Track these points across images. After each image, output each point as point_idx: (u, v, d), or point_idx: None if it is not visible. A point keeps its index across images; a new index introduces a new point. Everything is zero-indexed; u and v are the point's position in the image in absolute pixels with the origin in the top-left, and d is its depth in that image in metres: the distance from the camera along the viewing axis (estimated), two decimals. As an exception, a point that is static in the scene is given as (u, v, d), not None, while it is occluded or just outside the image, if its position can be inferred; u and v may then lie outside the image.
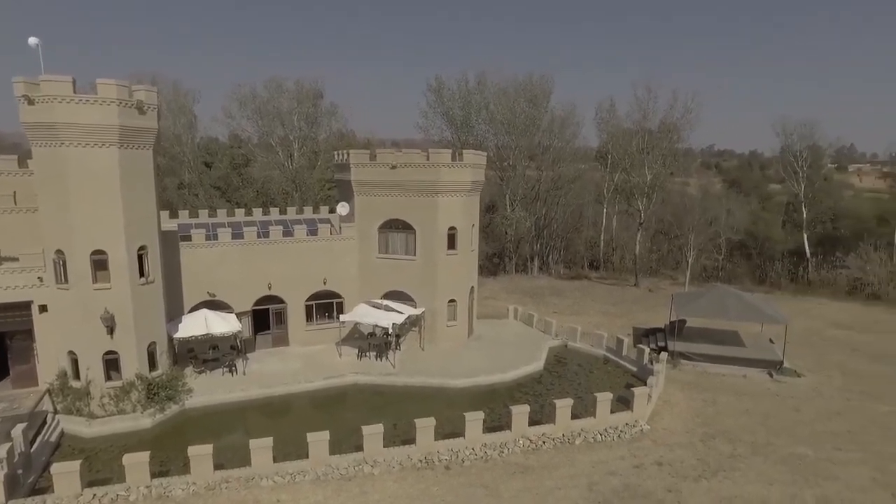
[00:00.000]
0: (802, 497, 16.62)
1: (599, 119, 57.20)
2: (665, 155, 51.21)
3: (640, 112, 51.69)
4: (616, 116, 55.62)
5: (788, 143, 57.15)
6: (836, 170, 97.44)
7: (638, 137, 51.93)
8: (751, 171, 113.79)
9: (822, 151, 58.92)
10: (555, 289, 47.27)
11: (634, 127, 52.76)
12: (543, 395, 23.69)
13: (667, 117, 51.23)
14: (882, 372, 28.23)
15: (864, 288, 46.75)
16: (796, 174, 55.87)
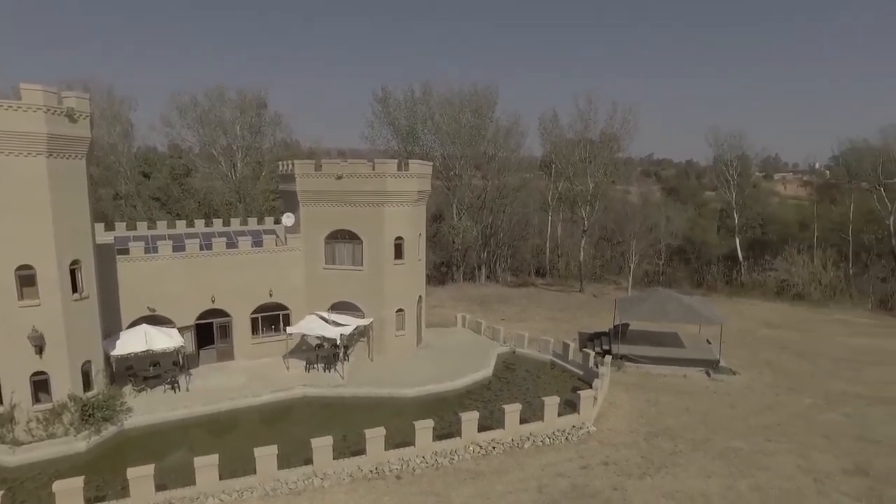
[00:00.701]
0: (737, 488, 17.44)
1: (543, 129, 58.62)
2: (606, 164, 52.98)
3: (582, 123, 53.44)
4: (559, 127, 57.18)
5: (720, 152, 60.27)
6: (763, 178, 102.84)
7: (580, 147, 53.52)
8: (687, 180, 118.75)
9: (750, 161, 62.40)
10: (502, 296, 47.90)
11: (576, 137, 54.37)
12: (493, 401, 23.95)
13: (607, 128, 53.11)
14: (805, 368, 29.98)
15: (790, 289, 49.55)
16: (728, 182, 58.86)
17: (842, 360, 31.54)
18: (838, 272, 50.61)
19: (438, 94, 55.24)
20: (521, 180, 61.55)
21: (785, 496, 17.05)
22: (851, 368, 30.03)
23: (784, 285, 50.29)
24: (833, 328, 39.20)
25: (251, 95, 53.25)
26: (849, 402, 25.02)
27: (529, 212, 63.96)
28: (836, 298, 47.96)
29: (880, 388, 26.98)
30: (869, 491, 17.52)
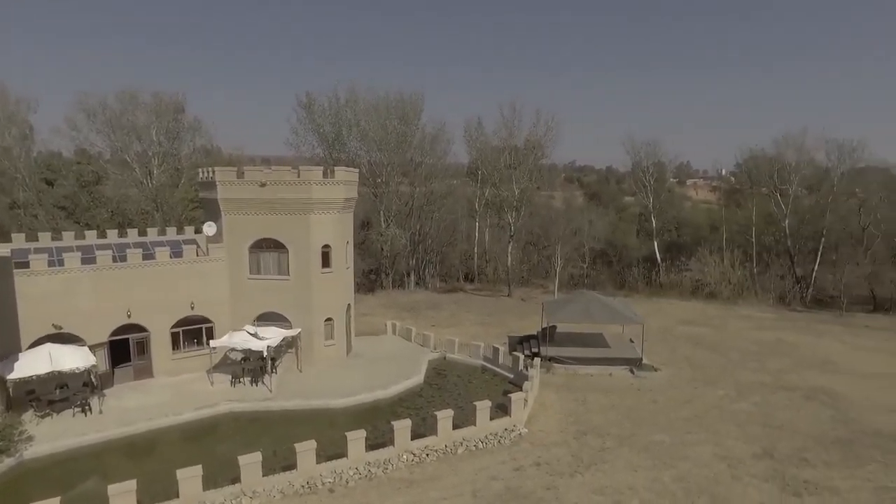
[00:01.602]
0: (662, 479, 18.30)
1: (468, 137, 59.47)
2: (531, 170, 54.43)
3: (507, 130, 54.63)
4: (484, 134, 58.17)
5: (637, 159, 63.30)
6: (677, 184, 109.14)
7: (505, 154, 54.69)
8: (608, 185, 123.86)
9: (665, 167, 65.96)
10: (432, 302, 48.06)
11: (502, 144, 55.52)
12: (425, 407, 23.94)
13: (531, 135, 54.57)
14: (718, 361, 31.92)
15: (703, 288, 52.65)
16: (645, 188, 61.89)
17: (749, 352, 33.82)
18: (744, 271, 54.28)
19: (364, 101, 54.95)
20: (448, 187, 62.12)
21: (704, 483, 18.05)
22: (757, 360, 32.25)
23: (698, 284, 53.39)
24: (741, 323, 41.97)
25: (168, 99, 50.87)
26: (756, 392, 26.85)
27: (457, 218, 64.61)
28: (744, 296, 51.40)
29: (780, 377, 29.15)
30: (774, 472, 18.88)
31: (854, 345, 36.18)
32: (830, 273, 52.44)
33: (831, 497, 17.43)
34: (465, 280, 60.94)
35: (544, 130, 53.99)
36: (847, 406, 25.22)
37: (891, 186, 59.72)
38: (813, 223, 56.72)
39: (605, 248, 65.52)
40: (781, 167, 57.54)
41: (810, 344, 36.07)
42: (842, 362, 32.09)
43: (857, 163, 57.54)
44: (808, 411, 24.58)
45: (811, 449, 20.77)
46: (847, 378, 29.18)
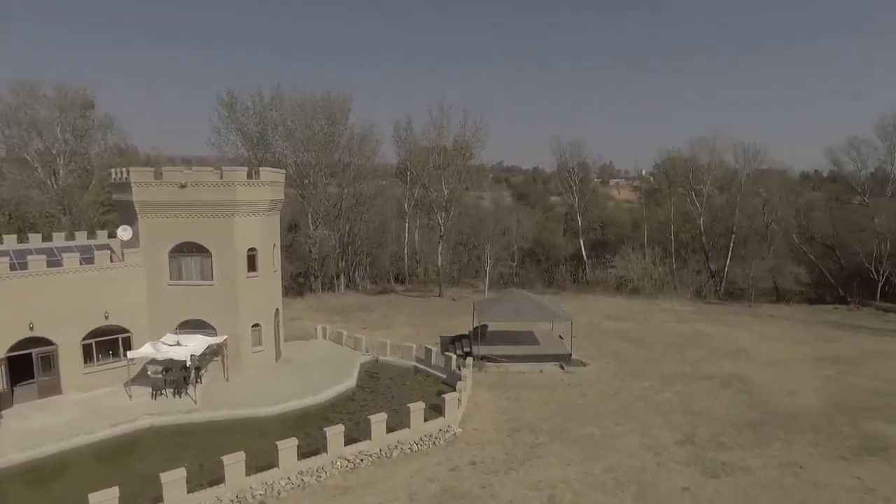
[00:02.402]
0: (593, 471, 18.83)
1: (397, 137, 59.26)
2: (460, 171, 54.87)
3: (436, 130, 54.82)
4: (413, 135, 58.14)
5: (563, 160, 65.22)
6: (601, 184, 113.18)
7: (434, 155, 54.86)
8: (535, 185, 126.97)
9: (589, 168, 68.34)
10: (363, 304, 47.48)
11: (431, 145, 55.68)
12: (358, 412, 23.54)
13: (460, 136, 55.04)
14: (642, 354, 33.31)
15: (627, 284, 54.94)
16: (571, 188, 63.88)
17: (670, 344, 35.50)
18: (664, 267, 57.09)
19: (290, 100, 53.54)
20: (377, 188, 61.64)
21: (632, 472, 18.72)
22: (677, 351, 33.90)
23: (622, 281, 55.68)
24: (662, 317, 44.02)
25: (74, 93, 47.49)
26: (677, 382, 28.21)
27: (387, 219, 64.23)
28: (664, 290, 54.04)
29: (699, 367, 30.78)
30: (695, 457, 19.87)
31: (762, 334, 38.75)
32: (740, 267, 56.01)
33: (745, 476, 18.54)
34: (396, 281, 60.66)
35: (472, 131, 54.71)
36: (757, 391, 26.95)
37: (788, 187, 64.81)
38: (724, 221, 60.43)
39: (533, 247, 67.03)
40: (696, 168, 61.05)
41: (724, 334, 38.31)
42: (752, 350, 34.28)
43: (760, 165, 62.10)
44: (723, 398, 26.07)
45: (727, 433, 22.03)
46: (756, 365, 31.20)
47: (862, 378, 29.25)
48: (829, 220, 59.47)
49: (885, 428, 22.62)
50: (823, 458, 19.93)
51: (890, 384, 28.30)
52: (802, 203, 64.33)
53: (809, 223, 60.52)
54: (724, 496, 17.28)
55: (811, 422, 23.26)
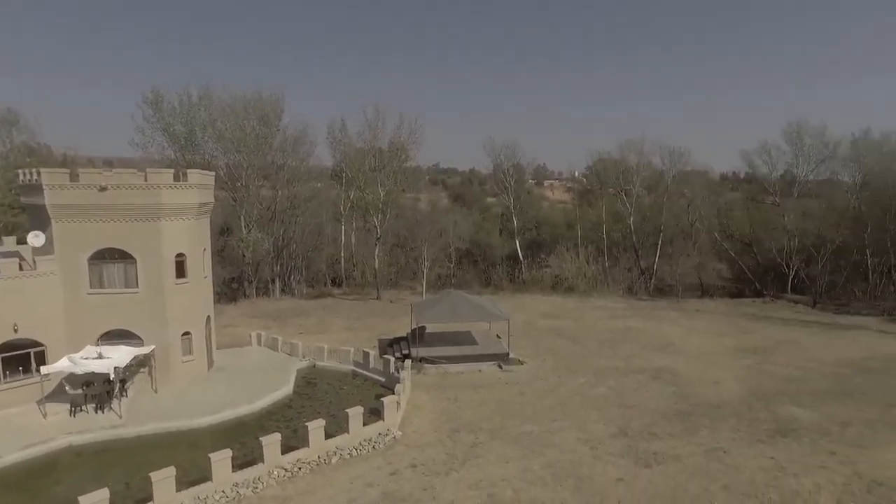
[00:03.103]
0: (532, 467, 19.17)
1: (332, 139, 58.39)
2: (396, 172, 54.63)
3: (371, 132, 54.38)
4: (348, 136, 57.42)
5: (498, 162, 66.19)
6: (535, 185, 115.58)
7: (370, 156, 54.43)
8: (471, 187, 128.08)
9: (523, 169, 69.71)
10: (299, 309, 46.48)
11: (366, 146, 55.19)
12: (295, 419, 22.99)
13: (395, 137, 54.82)
14: (577, 350, 34.25)
15: (562, 283, 56.37)
16: (506, 189, 64.89)
17: (604, 340, 36.68)
18: (598, 266, 58.95)
19: (219, 100, 51.69)
20: (312, 190, 60.54)
21: (569, 467, 19.19)
22: (611, 347, 35.06)
23: (557, 280, 57.07)
24: (596, 314, 45.41)
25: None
26: (611, 376, 29.16)
27: (322, 221, 63.13)
28: (598, 288, 55.78)
29: (631, 361, 31.95)
30: (629, 448, 20.60)
31: (688, 328, 40.67)
32: (668, 265, 58.54)
33: (675, 463, 19.39)
34: (333, 285, 59.77)
35: (408, 133, 54.59)
36: (684, 382, 28.25)
37: (710, 188, 68.50)
38: (652, 220, 63.10)
39: (470, 247, 67.61)
40: (625, 169, 63.43)
41: (654, 329, 39.95)
42: (679, 344, 35.90)
43: (684, 166, 65.36)
44: (654, 390, 27.17)
45: (658, 423, 22.96)
46: (684, 358, 32.71)
47: (776, 366, 31.24)
48: (746, 218, 63.28)
49: (796, 411, 24.31)
50: (744, 443, 21.13)
51: (799, 370, 30.44)
52: (722, 203, 68.02)
53: (729, 222, 64.13)
54: (656, 484, 17.99)
55: (733, 409, 24.61)
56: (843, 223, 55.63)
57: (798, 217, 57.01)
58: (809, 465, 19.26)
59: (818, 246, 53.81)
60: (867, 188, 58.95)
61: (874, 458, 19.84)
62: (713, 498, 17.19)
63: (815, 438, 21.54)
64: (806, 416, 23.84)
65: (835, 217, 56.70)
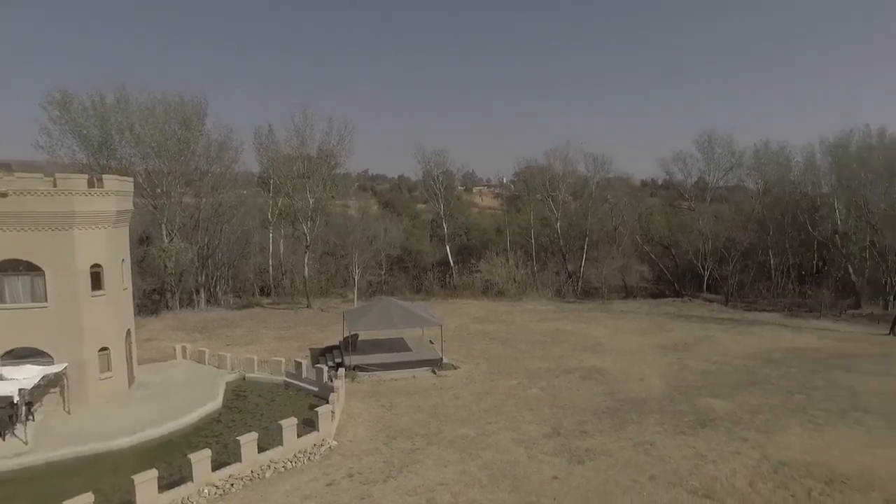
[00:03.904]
0: (469, 470, 19.33)
1: (259, 144, 56.83)
2: (325, 179, 53.81)
3: (299, 138, 53.31)
4: (275, 142, 56.07)
5: (428, 168, 66.63)
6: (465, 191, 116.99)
7: (298, 163, 53.36)
8: (401, 194, 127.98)
9: (453, 176, 70.53)
10: (226, 320, 44.82)
11: (294, 153, 54.06)
12: (225, 434, 22.15)
13: (324, 144, 54.04)
14: (510, 353, 34.91)
15: (492, 287, 57.29)
16: (436, 195, 65.41)
17: (535, 342, 37.56)
18: (527, 270, 60.37)
19: (137, 102, 49.03)
20: (238, 197, 58.63)
21: (506, 468, 19.50)
22: (542, 349, 35.95)
23: (488, 284, 57.97)
24: (526, 317, 46.43)
25: None
26: (543, 377, 29.90)
27: (249, 229, 61.25)
28: (527, 292, 57.08)
29: (562, 362, 32.90)
30: (562, 446, 21.19)
31: (615, 328, 42.33)
32: (594, 268, 60.84)
33: (606, 459, 20.12)
34: (262, 294, 58.12)
35: (337, 139, 53.96)
36: (612, 380, 29.38)
37: (631, 193, 71.93)
38: (578, 225, 65.42)
39: (401, 254, 67.59)
40: (552, 176, 65.51)
41: (582, 330, 41.31)
42: (607, 344, 37.31)
43: (607, 173, 68.32)
44: (584, 389, 28.09)
45: (589, 421, 23.76)
46: (611, 357, 34.02)
47: (694, 361, 33.09)
48: (664, 223, 67.01)
49: (713, 402, 25.90)
50: (668, 435, 22.23)
51: (715, 364, 32.42)
52: (643, 208, 71.65)
53: (649, 226, 67.59)
54: (589, 480, 18.60)
55: (657, 404, 25.85)
56: (750, 226, 60.00)
57: (711, 221, 60.80)
58: (725, 452, 20.55)
59: (729, 248, 57.60)
60: (768, 194, 63.84)
61: (779, 441, 21.53)
62: (642, 489, 17.96)
63: (729, 427, 22.99)
64: (722, 406, 25.40)
65: (742, 220, 61.02)
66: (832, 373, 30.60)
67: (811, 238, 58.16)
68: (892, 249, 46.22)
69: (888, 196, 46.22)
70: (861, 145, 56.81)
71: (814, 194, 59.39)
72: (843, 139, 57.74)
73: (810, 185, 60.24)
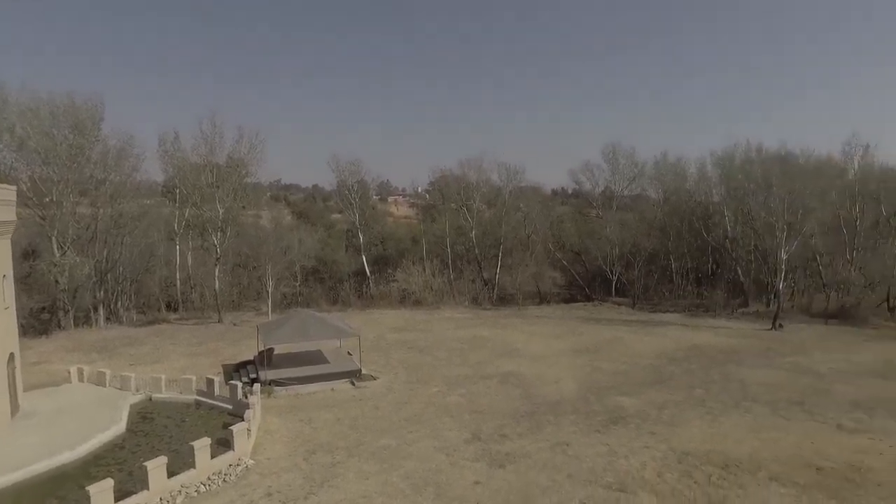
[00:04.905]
0: (392, 481, 19.22)
1: (163, 152, 53.84)
2: (236, 189, 51.88)
3: (207, 146, 51.11)
4: (182, 150, 53.36)
5: (342, 178, 65.91)
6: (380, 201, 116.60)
7: (207, 172, 51.11)
8: (315, 204, 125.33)
9: (368, 186, 70.15)
10: (129, 338, 42.00)
11: (202, 161, 51.75)
12: (130, 460, 20.65)
13: (234, 152, 52.10)
14: (428, 361, 35.09)
15: (410, 296, 57.33)
16: (351, 205, 64.77)
17: (453, 350, 37.96)
18: (443, 278, 60.91)
19: (17, 103, 44.97)
20: (141, 207, 55.20)
21: (428, 476, 19.55)
22: (460, 356, 36.39)
23: (405, 293, 57.94)
24: (444, 325, 46.83)
25: None
26: (462, 384, 30.27)
27: (154, 241, 57.74)
28: (444, 300, 57.56)
29: (480, 368, 33.48)
30: (483, 451, 21.58)
31: (530, 333, 43.60)
32: (508, 275, 62.35)
33: (525, 461, 20.68)
34: (169, 309, 54.93)
35: (248, 148, 52.23)
36: (529, 384, 30.24)
37: (543, 202, 74.63)
38: (493, 233, 66.87)
39: (316, 265, 66.12)
40: (466, 185, 66.67)
41: (499, 336, 42.22)
42: (522, 348, 38.35)
43: (520, 183, 70.47)
44: (503, 394, 28.72)
45: (508, 425, 24.31)
46: (527, 361, 35.01)
47: (605, 362, 34.74)
48: (575, 230, 70.03)
49: (623, 400, 27.33)
50: (583, 434, 23.19)
51: (623, 364, 34.24)
52: (554, 216, 74.39)
53: (561, 233, 70.31)
54: (510, 482, 19.02)
55: (572, 405, 26.88)
56: (652, 233, 64.09)
57: (617, 228, 64.15)
58: (636, 447, 21.73)
59: (634, 253, 61.02)
60: (668, 203, 68.51)
61: (682, 434, 23.12)
62: (560, 488, 18.59)
63: (639, 423, 24.33)
64: (631, 404, 26.82)
65: (645, 227, 64.96)
66: (726, 367, 33.20)
67: (706, 243, 62.95)
68: (771, 253, 50.69)
69: (766, 205, 50.75)
70: (744, 159, 62.28)
71: (707, 203, 64.55)
72: (728, 153, 63.37)
73: (703, 195, 65.47)
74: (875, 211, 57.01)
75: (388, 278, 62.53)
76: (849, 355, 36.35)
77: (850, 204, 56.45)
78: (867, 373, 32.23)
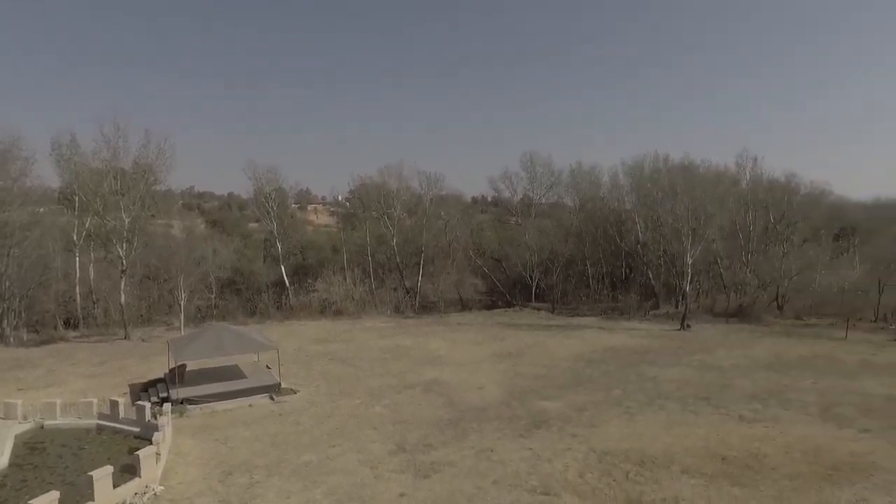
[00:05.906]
0: (314, 498, 18.54)
1: (58, 156, 49.91)
2: (143, 196, 48.95)
3: (110, 151, 47.96)
4: (80, 154, 49.69)
5: (259, 185, 63.79)
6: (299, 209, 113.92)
7: (110, 178, 47.92)
8: (231, 212, 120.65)
9: (286, 193, 68.34)
10: (18, 360, 38.41)
11: (105, 166, 48.47)
12: (13, 499, 18.68)
13: (140, 157, 49.20)
14: (350, 372, 34.41)
15: (331, 306, 56.22)
16: (269, 213, 62.78)
17: (376, 360, 37.45)
18: (365, 287, 60.17)
19: None
20: (32, 215, 50.78)
21: (353, 490, 19.02)
22: (383, 365, 35.94)
23: (326, 304, 56.73)
24: (366, 335, 46.18)
25: None
26: (385, 394, 29.86)
27: (49, 253, 53.23)
28: (366, 309, 56.84)
29: (403, 377, 33.18)
30: (408, 462, 21.26)
31: (452, 340, 43.79)
32: (430, 283, 62.55)
33: (450, 469, 20.58)
34: (67, 327, 50.75)
35: (156, 153, 49.44)
36: (453, 392, 30.27)
37: (463, 210, 75.72)
38: (414, 241, 66.81)
39: (232, 276, 63.44)
40: (387, 193, 66.36)
41: (422, 345, 42.10)
42: (445, 356, 38.42)
43: (440, 191, 71.12)
44: (426, 403, 28.56)
45: (433, 434, 24.16)
46: (450, 368, 35.08)
47: (527, 367, 35.42)
48: (495, 237, 71.47)
49: (544, 404, 27.90)
50: (507, 439, 23.43)
51: (544, 368, 35.03)
52: (475, 224, 75.54)
53: (481, 241, 71.45)
54: (436, 492, 18.85)
55: (495, 411, 27.13)
56: (570, 239, 66.43)
57: (536, 235, 65.96)
58: (558, 449, 22.20)
59: (552, 259, 62.94)
60: (583, 210, 71.31)
61: (602, 434, 23.86)
62: (486, 494, 18.63)
63: (561, 425, 24.89)
64: (553, 407, 27.43)
65: (563, 234, 67.25)
66: (640, 367, 34.75)
67: (619, 248, 66.02)
68: (679, 257, 53.88)
69: (673, 212, 53.99)
70: (653, 168, 66.10)
71: (619, 210, 67.86)
72: (638, 162, 67.11)
73: (616, 202, 68.78)
74: (765, 218, 61.93)
75: (309, 288, 61.00)
76: (746, 351, 39.09)
77: (744, 211, 61.12)
78: (761, 367, 34.74)
